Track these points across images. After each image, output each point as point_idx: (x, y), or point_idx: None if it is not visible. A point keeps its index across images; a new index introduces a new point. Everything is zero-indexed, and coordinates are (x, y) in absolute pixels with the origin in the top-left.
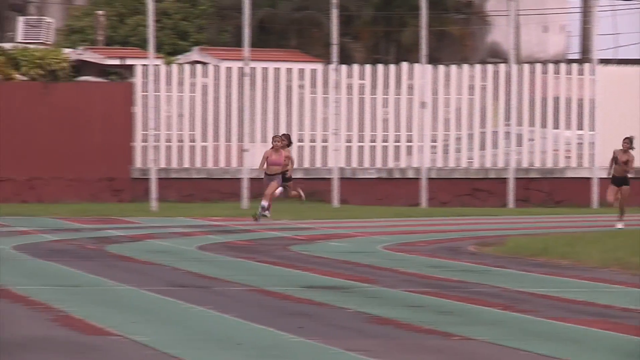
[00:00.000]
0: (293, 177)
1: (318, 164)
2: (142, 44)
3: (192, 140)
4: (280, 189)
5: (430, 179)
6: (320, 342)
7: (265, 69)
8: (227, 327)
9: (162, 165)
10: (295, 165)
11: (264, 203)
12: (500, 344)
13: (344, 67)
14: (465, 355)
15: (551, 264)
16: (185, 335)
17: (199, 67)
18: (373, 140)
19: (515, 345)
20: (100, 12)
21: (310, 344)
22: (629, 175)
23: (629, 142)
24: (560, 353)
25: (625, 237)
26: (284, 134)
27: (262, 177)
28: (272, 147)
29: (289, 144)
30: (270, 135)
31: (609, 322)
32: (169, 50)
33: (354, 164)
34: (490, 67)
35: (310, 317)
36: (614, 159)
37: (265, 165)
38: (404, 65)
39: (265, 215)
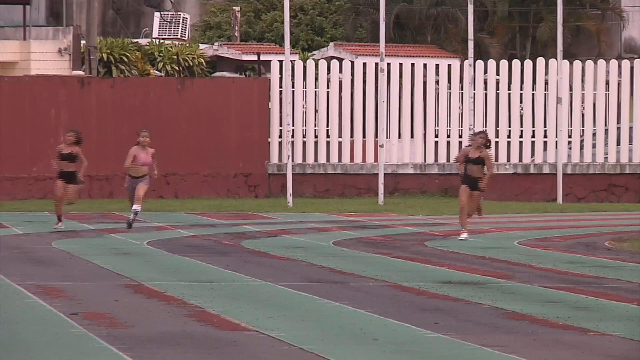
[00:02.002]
0: None
1: (454, 160)
2: (278, 40)
3: (328, 135)
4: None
5: (566, 175)
6: (456, 338)
7: (401, 65)
8: (363, 322)
9: (298, 160)
10: (431, 161)
11: (137, 207)
12: (636, 339)
13: (480, 63)
14: (601, 351)
15: None
16: (321, 331)
17: (334, 62)
18: (509, 136)
19: None
20: (236, 8)
21: (446, 340)
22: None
23: (484, 137)
24: None
25: None
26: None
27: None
28: (138, 144)
29: (78, 141)
30: (406, 129)
31: None
32: (305, 45)
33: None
34: (625, 63)
35: (446, 312)
36: (465, 158)
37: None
38: (540, 60)
39: (129, 224)
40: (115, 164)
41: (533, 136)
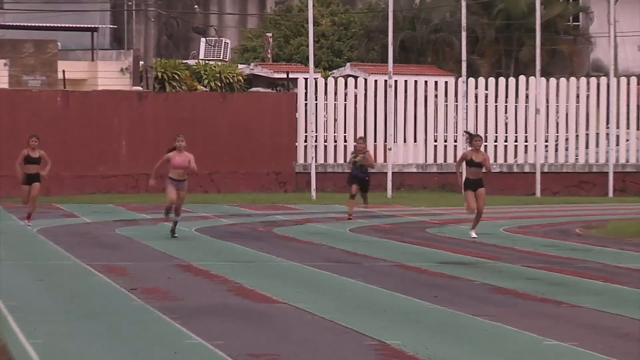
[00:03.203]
0: None
1: (450, 160)
2: (304, 61)
3: (346, 140)
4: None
5: (543, 173)
6: (452, 309)
7: (405, 82)
8: (374, 296)
9: (320, 161)
10: (431, 161)
11: (177, 217)
12: (602, 310)
13: (471, 80)
14: (573, 320)
15: None
16: (339, 303)
17: (351, 80)
18: (496, 141)
19: (614, 312)
20: (269, 34)
21: (444, 311)
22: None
23: (481, 140)
24: None
25: None
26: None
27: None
28: (177, 149)
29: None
30: (410, 135)
31: None
32: (326, 65)
33: None
34: (593, 80)
35: (443, 288)
36: (467, 162)
37: (159, 171)
38: (522, 78)
39: (173, 231)
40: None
41: (516, 141)
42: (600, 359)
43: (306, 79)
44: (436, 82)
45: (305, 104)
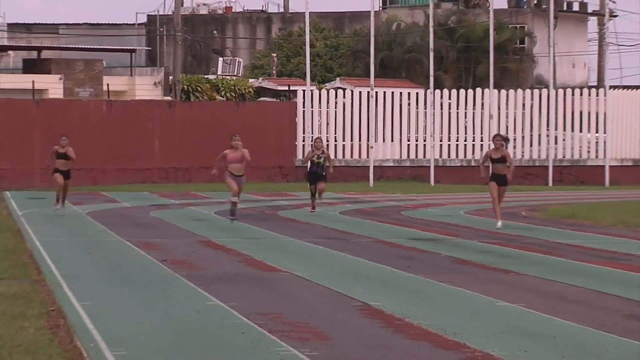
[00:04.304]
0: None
1: (420, 156)
2: (302, 76)
3: (336, 140)
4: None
5: None
6: (422, 277)
7: (384, 93)
8: (360, 266)
9: None
10: (405, 157)
11: (235, 199)
12: (543, 277)
13: (437, 92)
14: (519, 286)
15: (578, 223)
16: (332, 272)
17: (340, 91)
18: (457, 140)
19: (553, 279)
20: (274, 54)
21: (415, 278)
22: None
23: (500, 139)
24: (585, 284)
25: (629, 205)
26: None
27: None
28: (233, 147)
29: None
30: (388, 136)
31: (617, 263)
32: (320, 80)
33: (445, 156)
34: (536, 92)
35: (415, 259)
36: (489, 158)
37: (219, 163)
38: (478, 90)
39: (233, 216)
40: (192, 159)
41: (473, 140)
42: (542, 318)
43: (304, 91)
44: (409, 93)
45: (303, 111)
